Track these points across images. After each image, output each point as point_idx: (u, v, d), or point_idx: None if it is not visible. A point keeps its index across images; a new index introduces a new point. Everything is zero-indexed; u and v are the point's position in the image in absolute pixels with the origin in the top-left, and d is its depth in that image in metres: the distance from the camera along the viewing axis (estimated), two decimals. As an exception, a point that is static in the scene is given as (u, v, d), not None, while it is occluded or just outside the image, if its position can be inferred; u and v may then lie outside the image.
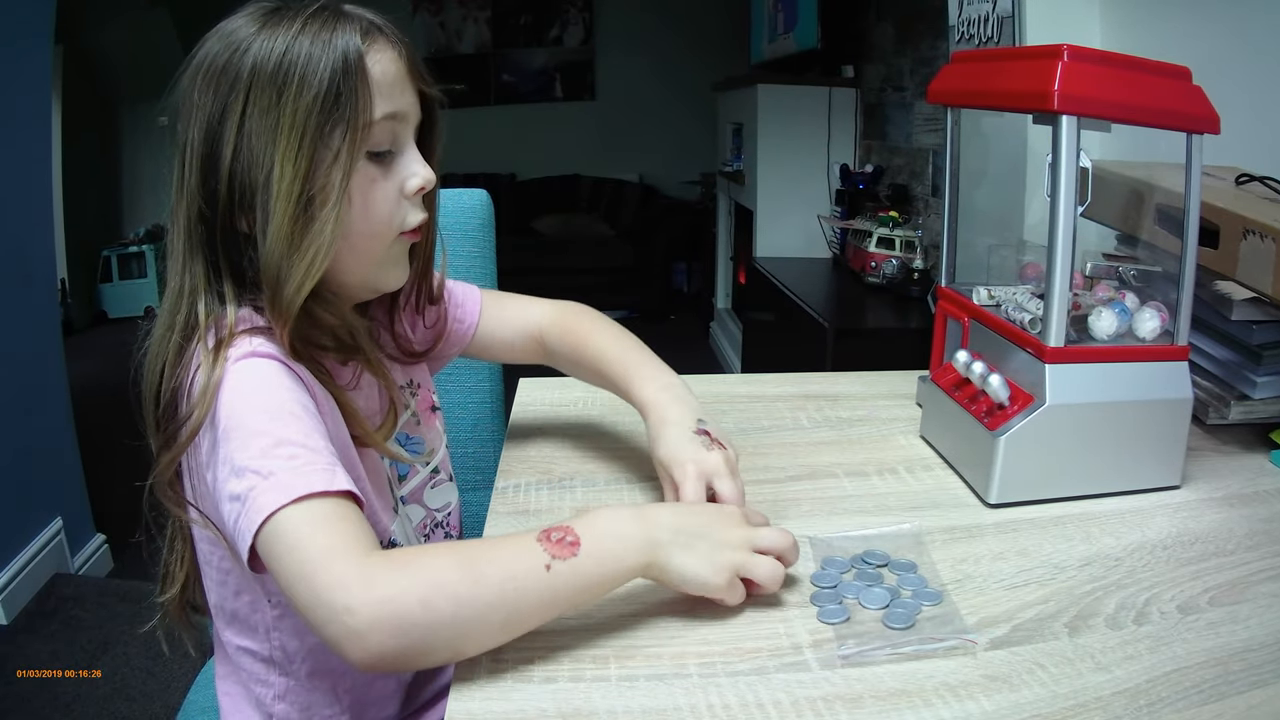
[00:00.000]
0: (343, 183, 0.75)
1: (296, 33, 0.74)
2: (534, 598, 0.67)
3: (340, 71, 0.74)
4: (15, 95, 2.34)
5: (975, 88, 1.06)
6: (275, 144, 0.73)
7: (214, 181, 0.75)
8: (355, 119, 0.75)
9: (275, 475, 0.66)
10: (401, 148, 0.82)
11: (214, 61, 0.75)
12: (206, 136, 0.75)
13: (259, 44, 0.74)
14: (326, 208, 0.74)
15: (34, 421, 2.43)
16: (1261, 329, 1.05)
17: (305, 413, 0.72)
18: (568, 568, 0.68)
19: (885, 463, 1.08)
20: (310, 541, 0.64)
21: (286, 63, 0.73)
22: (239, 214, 0.75)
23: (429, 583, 0.63)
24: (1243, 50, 1.46)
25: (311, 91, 0.73)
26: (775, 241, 3.93)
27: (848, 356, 2.51)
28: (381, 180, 0.80)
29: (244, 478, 0.67)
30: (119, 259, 5.79)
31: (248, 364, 0.73)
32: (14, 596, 2.29)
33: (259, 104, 0.73)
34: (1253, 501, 0.99)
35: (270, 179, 0.73)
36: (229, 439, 0.69)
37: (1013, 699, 0.66)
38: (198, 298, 0.77)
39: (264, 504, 0.65)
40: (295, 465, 0.67)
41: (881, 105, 3.66)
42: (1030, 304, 1.01)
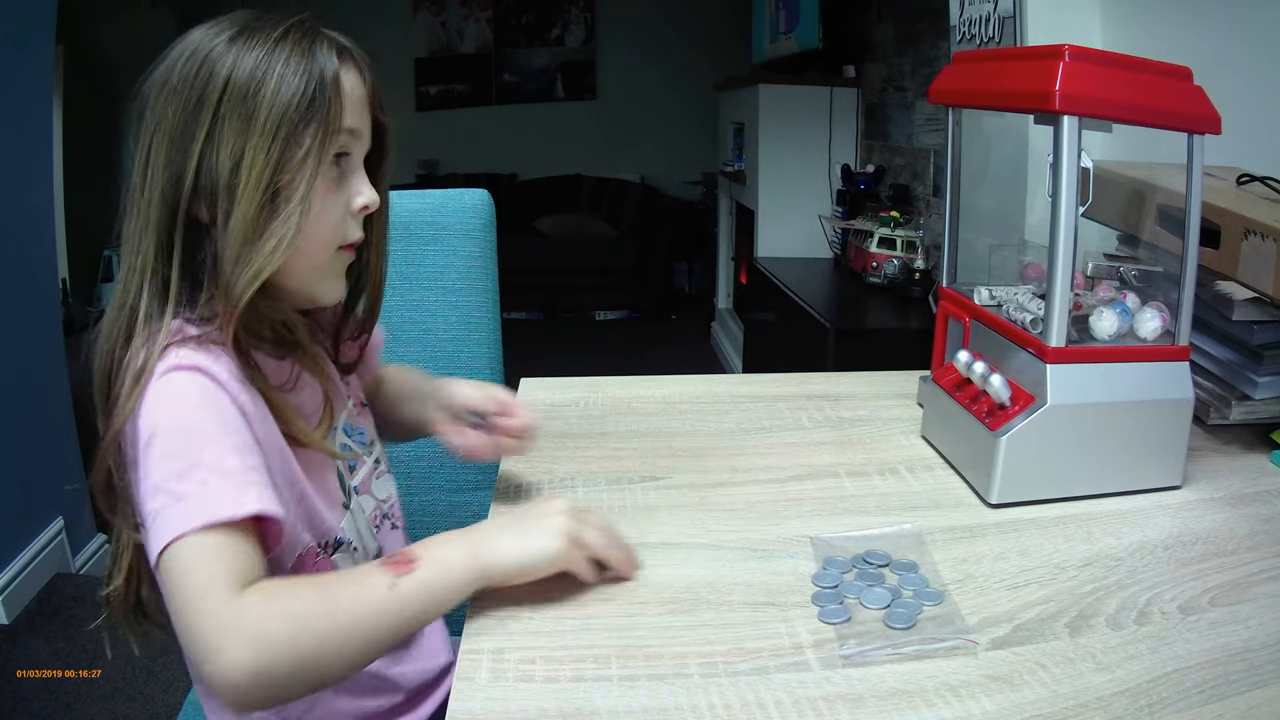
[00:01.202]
0: (310, 180, 0.77)
1: (273, 45, 0.77)
2: (384, 618, 0.71)
3: (318, 79, 0.77)
4: (16, 94, 2.34)
5: (976, 88, 1.06)
6: (248, 135, 0.75)
7: (180, 164, 0.76)
8: (328, 122, 0.78)
9: (184, 499, 0.68)
10: (352, 166, 0.84)
11: (182, 69, 0.77)
12: (176, 135, 0.76)
13: (234, 53, 0.76)
14: (292, 202, 0.76)
15: (35, 421, 2.43)
16: (1262, 329, 1.05)
17: (223, 429, 0.73)
18: (410, 583, 0.72)
19: (886, 463, 1.08)
20: (195, 576, 0.66)
21: (263, 69, 0.76)
22: (199, 200, 0.77)
23: (294, 620, 0.67)
24: (1244, 50, 1.46)
25: (289, 92, 0.76)
26: (776, 241, 3.93)
27: (849, 356, 2.51)
28: (333, 192, 0.82)
29: (157, 497, 0.69)
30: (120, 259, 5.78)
31: (171, 378, 0.74)
32: (15, 596, 2.29)
33: (232, 103, 0.75)
34: (1254, 502, 0.99)
35: (240, 166, 0.75)
36: (147, 454, 0.71)
37: (1014, 699, 0.66)
38: (145, 281, 0.78)
39: (168, 528, 0.67)
40: (204, 492, 0.69)
41: (883, 105, 3.66)
42: (1031, 304, 1.01)
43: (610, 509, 0.96)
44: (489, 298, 1.34)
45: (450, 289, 1.32)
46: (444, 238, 1.31)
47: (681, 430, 1.18)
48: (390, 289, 1.29)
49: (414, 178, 6.54)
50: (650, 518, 0.94)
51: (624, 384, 1.35)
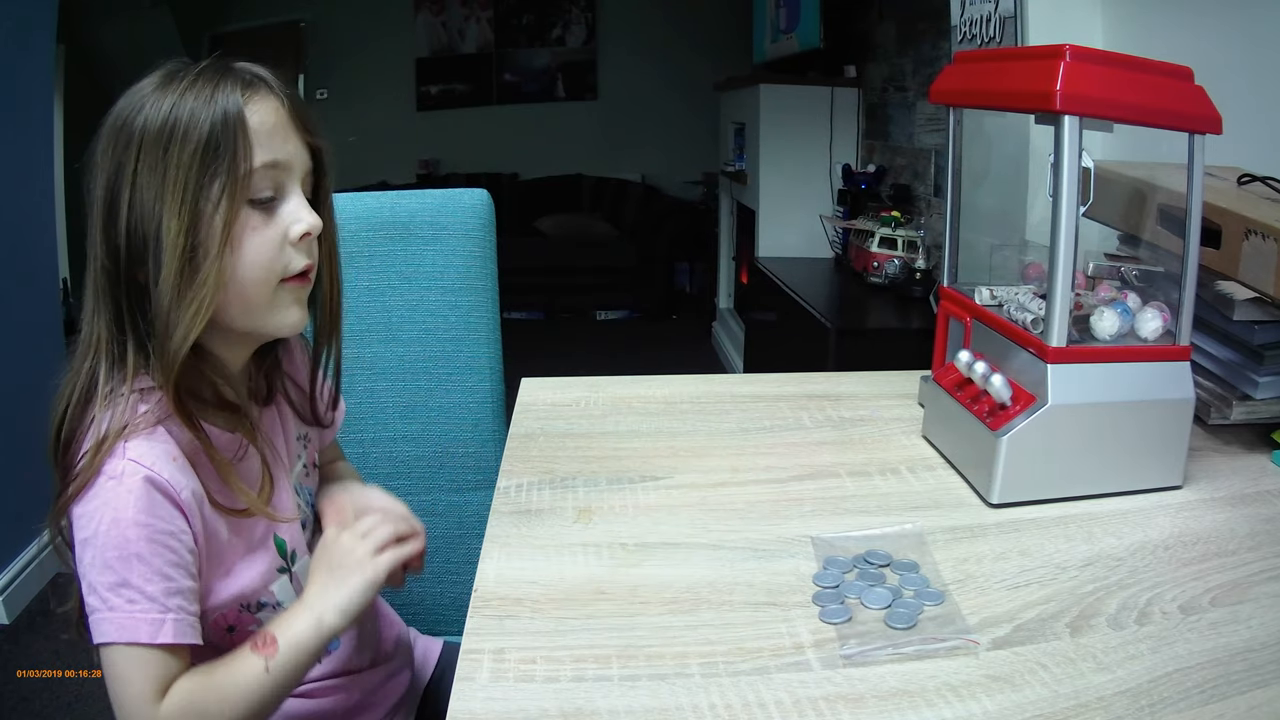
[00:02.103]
0: (224, 232, 0.76)
1: (183, 90, 0.76)
2: (266, 693, 0.80)
3: (220, 124, 0.76)
4: (18, 94, 2.34)
5: (977, 88, 1.06)
6: (163, 198, 0.75)
7: (114, 235, 0.77)
8: (234, 169, 0.76)
9: (114, 613, 0.74)
10: (285, 195, 0.82)
11: (116, 120, 0.77)
12: (106, 190, 0.77)
13: (151, 103, 0.76)
14: (209, 259, 0.76)
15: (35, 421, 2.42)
16: (1263, 329, 1.05)
17: (154, 550, 0.76)
18: (276, 662, 0.80)
19: (887, 463, 1.08)
20: (121, 685, 0.75)
21: (172, 119, 0.75)
22: (136, 267, 0.77)
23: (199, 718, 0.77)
24: (1245, 50, 1.46)
25: (191, 145, 0.75)
26: (777, 241, 3.93)
27: (850, 356, 2.51)
28: (263, 228, 0.81)
29: (93, 596, 0.74)
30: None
31: (114, 485, 0.75)
32: (16, 596, 2.29)
33: (147, 160, 0.75)
34: (1254, 502, 0.99)
35: (160, 231, 0.75)
36: (84, 553, 0.75)
37: (1015, 699, 0.66)
38: (100, 355, 0.79)
39: (101, 632, 0.74)
40: (131, 610, 0.74)
41: (884, 105, 3.66)
42: (1032, 304, 1.01)
43: (611, 509, 0.96)
44: (489, 297, 1.34)
45: (450, 289, 1.32)
46: (444, 238, 1.31)
47: (682, 430, 1.18)
48: (390, 289, 1.29)
49: (414, 177, 6.55)
50: (651, 517, 0.94)
51: (625, 384, 1.35)
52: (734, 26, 5.72)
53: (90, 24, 5.28)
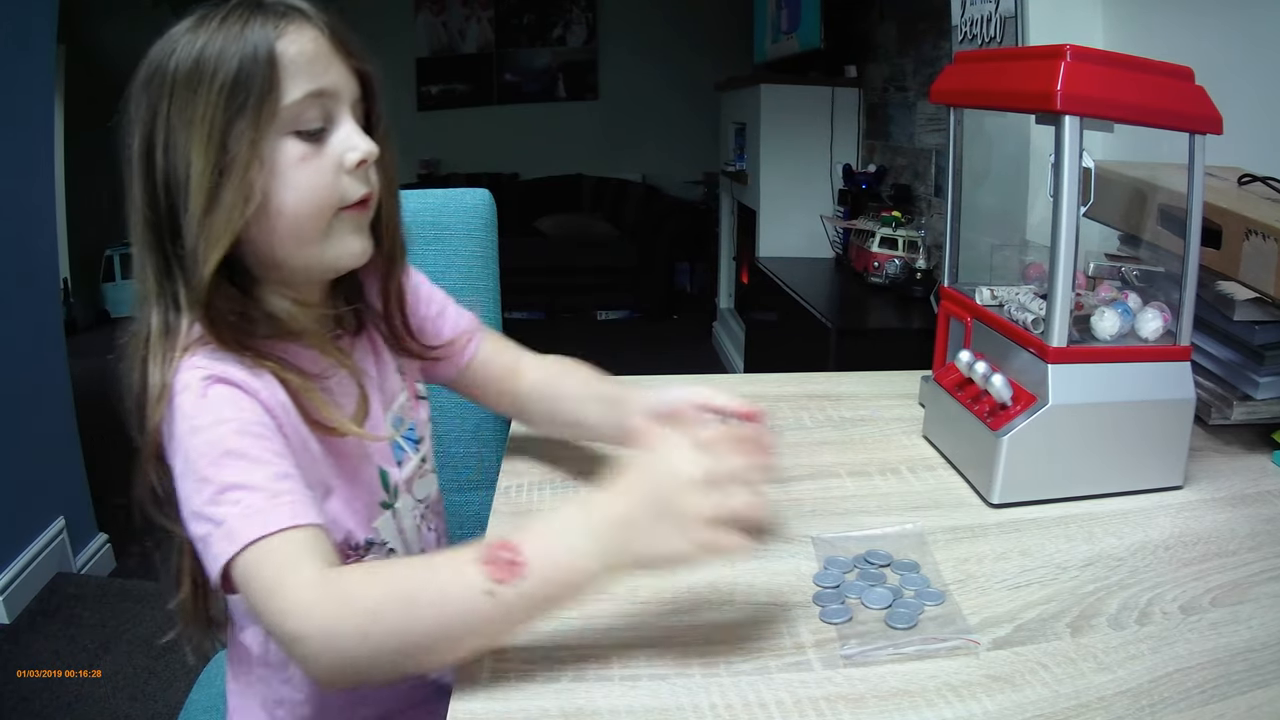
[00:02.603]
0: (246, 161, 0.74)
1: (214, 30, 0.75)
2: (478, 624, 0.66)
3: (249, 59, 0.74)
4: (18, 94, 2.34)
5: (978, 88, 1.06)
6: (191, 137, 0.74)
7: (151, 185, 0.76)
8: (261, 104, 0.75)
9: (225, 524, 0.68)
10: (336, 123, 0.80)
11: (148, 68, 0.77)
12: (142, 141, 0.76)
13: (182, 45, 0.75)
14: (231, 183, 0.74)
15: (36, 421, 2.43)
16: (1264, 329, 1.05)
17: (247, 439, 0.72)
18: (513, 591, 0.65)
19: (888, 463, 1.08)
20: (260, 580, 0.67)
21: (203, 58, 0.74)
22: (176, 215, 0.76)
23: (366, 614, 0.64)
24: (1245, 51, 1.46)
25: (219, 81, 0.74)
26: (778, 241, 3.93)
27: (850, 356, 2.51)
28: (314, 157, 0.79)
29: (200, 524, 0.70)
30: (121, 258, 5.79)
31: (187, 397, 0.73)
32: (16, 596, 2.29)
33: (179, 101, 0.74)
34: (1255, 502, 0.99)
35: (190, 172, 0.74)
36: (183, 479, 0.72)
37: (1015, 699, 0.66)
38: (151, 306, 0.78)
39: (219, 552, 0.68)
40: (239, 512, 0.68)
41: (884, 105, 3.66)
42: (1033, 304, 1.01)
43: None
44: (490, 297, 1.34)
45: (451, 289, 1.30)
46: (445, 237, 1.31)
47: (683, 430, 1.17)
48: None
49: (415, 177, 6.54)
50: (651, 517, 0.94)
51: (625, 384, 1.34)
52: (735, 26, 5.72)
53: (91, 24, 5.29)
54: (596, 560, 0.66)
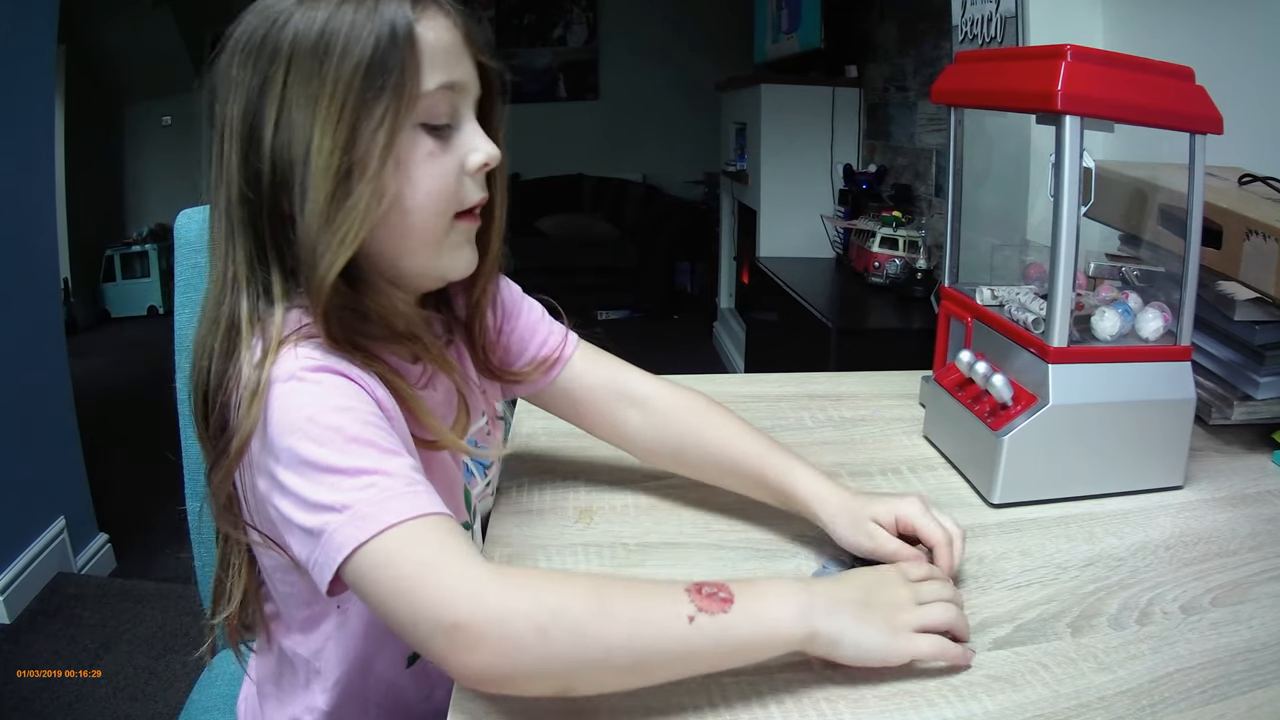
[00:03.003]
0: (383, 155, 0.69)
1: (339, 4, 0.69)
2: (669, 648, 0.62)
3: (387, 39, 0.69)
4: (18, 94, 2.34)
5: (979, 88, 1.06)
6: (315, 115, 0.68)
7: (255, 160, 0.70)
8: (401, 88, 0.70)
9: (353, 508, 0.62)
10: (461, 121, 0.76)
11: (252, 36, 0.70)
12: (245, 113, 0.70)
13: (300, 15, 0.69)
14: (364, 180, 0.69)
15: (37, 421, 2.43)
16: (1264, 329, 1.05)
17: (371, 428, 0.67)
18: (715, 624, 0.62)
19: (888, 463, 1.08)
20: (406, 561, 0.61)
21: (329, 31, 0.68)
22: (281, 193, 0.70)
23: (549, 608, 0.60)
24: (1246, 51, 1.46)
25: (353, 59, 0.68)
26: (779, 241, 3.93)
27: (851, 356, 2.51)
28: (440, 155, 0.74)
29: (318, 514, 0.63)
30: (122, 258, 5.79)
31: (297, 385, 0.68)
32: (17, 596, 2.29)
33: (299, 74, 0.69)
34: (1255, 502, 0.99)
35: (310, 152, 0.68)
36: (291, 470, 0.65)
37: (1016, 699, 0.66)
38: (240, 291, 0.72)
39: (345, 540, 0.62)
40: (373, 496, 0.63)
41: (885, 105, 3.66)
42: (1033, 304, 1.01)
43: (613, 508, 0.96)
44: (491, 297, 1.34)
45: (452, 289, 1.32)
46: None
47: (683, 430, 1.17)
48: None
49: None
50: (652, 517, 0.94)
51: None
52: (735, 26, 5.72)
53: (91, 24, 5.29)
54: (799, 625, 0.65)
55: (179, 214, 1.13)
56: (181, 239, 1.12)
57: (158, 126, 6.21)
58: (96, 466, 2.67)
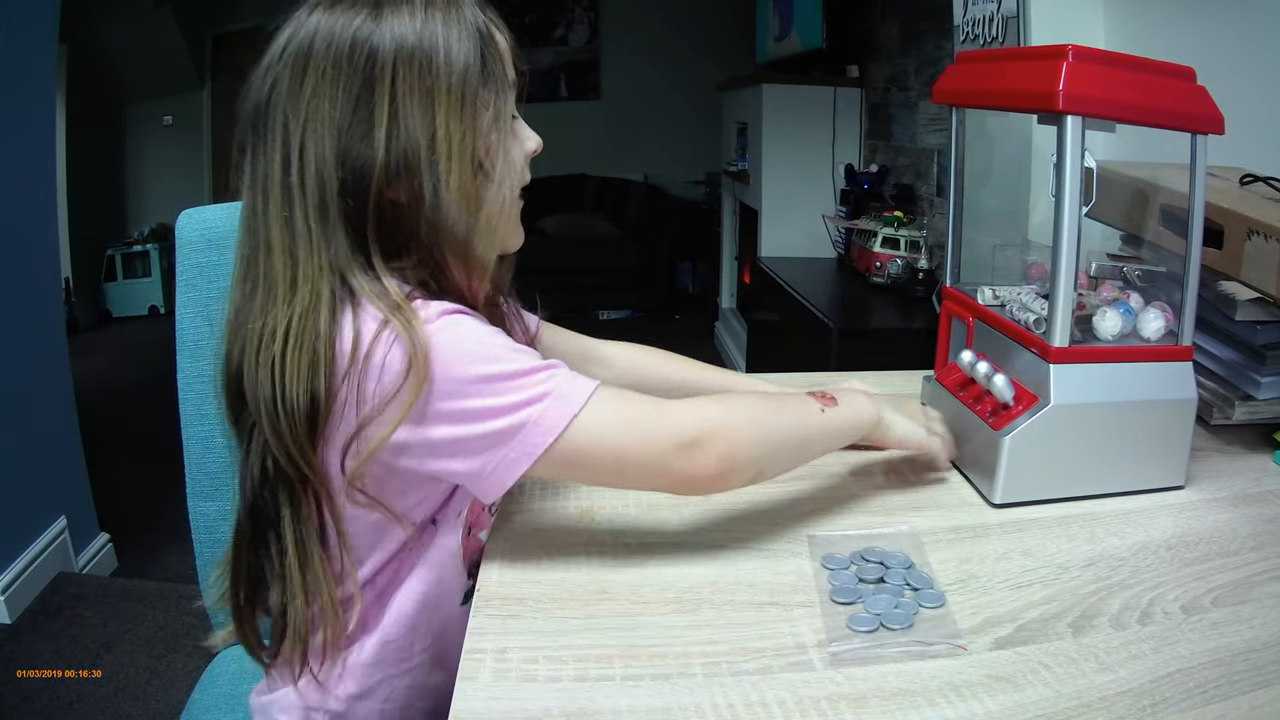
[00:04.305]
0: (504, 139, 0.81)
1: (424, 11, 0.78)
2: (815, 431, 0.89)
3: (480, 39, 0.80)
4: (19, 93, 2.34)
5: (980, 88, 1.06)
6: (434, 108, 0.76)
7: (365, 153, 0.76)
8: (503, 79, 0.81)
9: (552, 393, 0.75)
10: (516, 113, 0.87)
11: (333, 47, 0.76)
12: (347, 114, 0.76)
13: (388, 23, 0.76)
14: (499, 165, 0.81)
15: (38, 420, 2.44)
16: (1265, 329, 1.05)
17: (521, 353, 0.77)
18: (833, 412, 0.90)
19: (889, 463, 1.08)
20: (626, 410, 0.78)
21: (429, 35, 0.77)
22: (397, 181, 0.77)
23: (747, 414, 0.83)
24: (1247, 51, 1.46)
25: (463, 60, 0.78)
26: (780, 241, 3.93)
27: (852, 356, 2.51)
28: (513, 140, 0.86)
29: (514, 413, 0.74)
30: (123, 258, 5.80)
31: (448, 321, 0.76)
32: (18, 595, 2.29)
33: (409, 75, 0.76)
34: (1256, 502, 0.99)
35: (435, 140, 0.76)
36: (472, 395, 0.74)
37: (1017, 699, 0.66)
38: (345, 261, 0.77)
39: (558, 417, 0.74)
40: (562, 380, 0.76)
41: (886, 105, 3.66)
42: (1035, 304, 1.01)
43: (614, 508, 0.96)
44: (492, 297, 1.34)
45: (453, 288, 1.32)
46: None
47: (684, 430, 1.17)
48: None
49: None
50: (653, 517, 0.94)
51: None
52: (736, 26, 5.72)
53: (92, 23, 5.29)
54: (872, 413, 0.95)
55: (180, 214, 1.13)
56: (183, 239, 1.12)
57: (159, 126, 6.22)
58: (98, 466, 2.67)
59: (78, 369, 2.64)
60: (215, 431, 1.12)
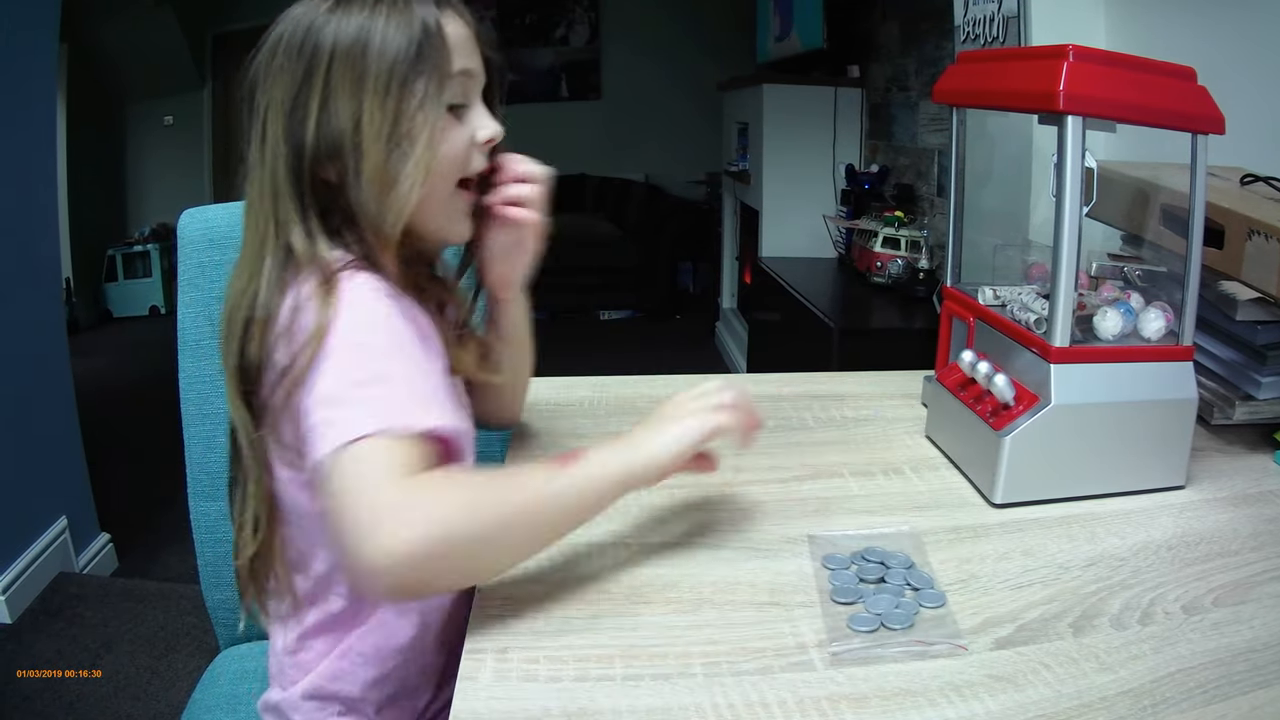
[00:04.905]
0: (429, 124, 0.83)
1: (370, 8, 0.82)
2: (541, 509, 0.75)
3: (421, 32, 0.82)
4: (20, 93, 2.34)
5: (981, 88, 1.06)
6: (362, 96, 0.81)
7: (299, 134, 0.82)
8: (437, 71, 0.83)
9: (366, 404, 0.72)
10: (472, 102, 0.90)
11: (290, 37, 0.83)
12: (290, 98, 0.82)
13: (337, 20, 0.82)
14: (417, 146, 0.82)
15: (39, 421, 2.44)
16: (1266, 329, 1.05)
17: (412, 344, 0.79)
18: (563, 478, 0.76)
19: (890, 463, 1.08)
20: (367, 469, 0.68)
21: (368, 29, 0.81)
22: (325, 162, 0.82)
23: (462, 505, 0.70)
24: (1248, 51, 1.46)
25: (394, 48, 0.81)
26: (781, 241, 3.93)
27: (853, 356, 2.51)
28: (455, 128, 0.88)
29: (334, 406, 0.72)
30: (124, 258, 5.81)
31: (359, 289, 0.80)
32: (18, 595, 2.30)
33: (343, 64, 0.81)
34: (1257, 502, 0.99)
35: (360, 125, 0.80)
36: (326, 363, 0.75)
37: (1017, 699, 0.66)
38: (291, 230, 0.83)
39: (347, 431, 0.70)
40: (389, 397, 0.73)
41: (887, 105, 3.66)
42: (1035, 304, 1.01)
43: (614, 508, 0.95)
44: (493, 297, 1.34)
45: (454, 288, 1.32)
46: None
47: (685, 430, 1.17)
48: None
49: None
50: (654, 517, 0.94)
51: (628, 384, 1.35)
52: (737, 26, 5.72)
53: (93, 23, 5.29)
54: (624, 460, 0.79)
55: (182, 213, 1.14)
56: (185, 238, 1.12)
57: (159, 126, 6.22)
58: (98, 466, 2.67)
59: (78, 369, 2.64)
60: (217, 431, 1.13)
